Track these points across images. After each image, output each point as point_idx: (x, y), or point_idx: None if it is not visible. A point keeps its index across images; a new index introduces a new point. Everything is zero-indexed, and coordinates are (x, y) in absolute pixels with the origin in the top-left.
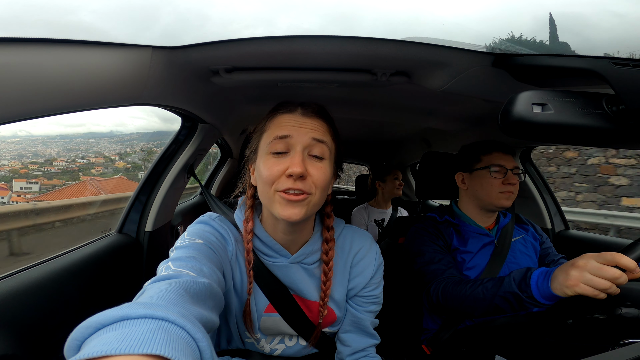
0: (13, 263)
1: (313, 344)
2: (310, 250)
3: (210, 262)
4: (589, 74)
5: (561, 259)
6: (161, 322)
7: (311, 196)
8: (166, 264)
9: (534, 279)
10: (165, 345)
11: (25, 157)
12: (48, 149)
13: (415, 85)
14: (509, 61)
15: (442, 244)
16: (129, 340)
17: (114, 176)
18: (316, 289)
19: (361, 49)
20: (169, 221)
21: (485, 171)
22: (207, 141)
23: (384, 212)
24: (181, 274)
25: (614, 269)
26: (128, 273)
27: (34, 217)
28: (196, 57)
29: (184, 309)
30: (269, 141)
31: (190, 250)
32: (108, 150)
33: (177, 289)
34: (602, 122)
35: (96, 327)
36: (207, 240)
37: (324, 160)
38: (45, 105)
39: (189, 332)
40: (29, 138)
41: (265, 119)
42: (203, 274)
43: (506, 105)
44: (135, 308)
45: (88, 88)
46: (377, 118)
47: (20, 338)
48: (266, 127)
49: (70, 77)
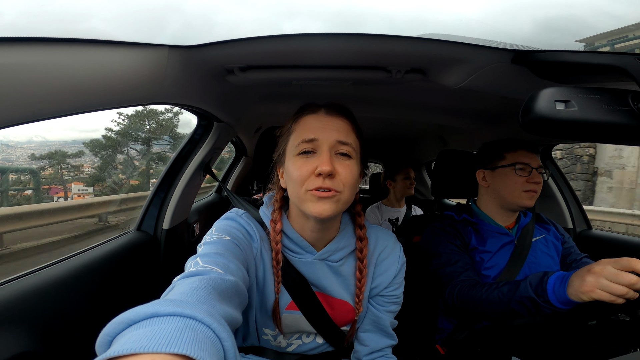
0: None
1: (347, 344)
2: (336, 248)
3: (236, 259)
4: (614, 70)
5: (584, 258)
6: (189, 321)
7: (340, 194)
8: (195, 259)
9: (550, 283)
10: (192, 345)
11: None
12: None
13: (431, 83)
14: (530, 57)
15: (459, 243)
16: (157, 339)
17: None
18: (340, 287)
19: (375, 47)
20: (185, 219)
21: (509, 169)
22: (222, 139)
23: (398, 210)
24: (209, 271)
25: (630, 274)
26: (146, 269)
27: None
28: (211, 56)
29: (212, 307)
30: (296, 144)
31: (218, 247)
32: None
33: (205, 286)
34: (628, 119)
35: (128, 323)
36: (234, 236)
37: (350, 159)
38: (63, 105)
39: (215, 331)
40: (44, 143)
41: (290, 122)
42: (230, 271)
43: (527, 102)
44: (165, 305)
45: (106, 87)
46: (391, 116)
47: (42, 335)
48: (292, 130)
49: (88, 76)
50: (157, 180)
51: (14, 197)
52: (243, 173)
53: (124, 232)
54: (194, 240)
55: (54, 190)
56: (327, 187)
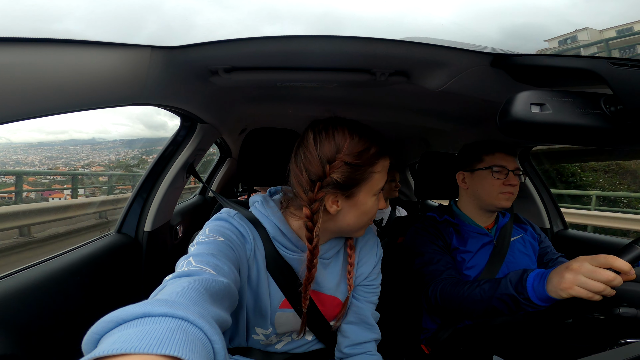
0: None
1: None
2: (330, 246)
3: (229, 261)
4: (588, 74)
5: (560, 257)
6: (181, 322)
7: None
8: (187, 259)
9: (529, 281)
10: (183, 347)
11: (8, 165)
12: (29, 156)
13: (414, 85)
14: (508, 61)
15: (441, 243)
16: (148, 339)
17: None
18: (331, 282)
19: (359, 49)
20: (168, 221)
21: (486, 171)
22: (206, 141)
23: (382, 211)
24: (202, 271)
25: (607, 271)
26: (127, 273)
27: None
28: (195, 57)
29: (204, 309)
30: (374, 188)
31: (211, 248)
32: (91, 158)
33: (198, 287)
34: (600, 122)
35: (117, 322)
36: (227, 238)
37: None
38: (43, 105)
39: (206, 333)
40: (8, 145)
41: (368, 165)
42: (222, 273)
43: (504, 105)
44: (157, 306)
45: (87, 88)
46: (376, 118)
47: (20, 338)
48: (372, 174)
49: (69, 77)
50: (139, 181)
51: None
52: (227, 175)
53: (104, 235)
54: (177, 242)
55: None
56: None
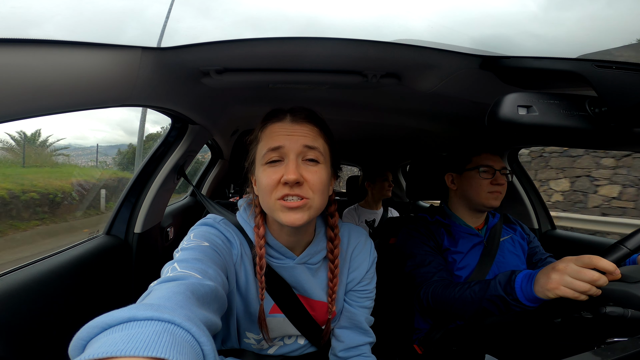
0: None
1: (324, 341)
2: (315, 251)
3: (215, 265)
4: (573, 77)
5: (549, 257)
6: (167, 325)
7: (310, 200)
8: (172, 265)
9: (517, 282)
10: (170, 349)
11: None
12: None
13: (406, 87)
14: (496, 63)
15: (433, 244)
16: (134, 342)
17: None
18: (320, 288)
19: (352, 51)
20: (159, 223)
21: (474, 172)
22: (197, 142)
23: (375, 212)
24: (187, 276)
25: (592, 271)
26: (117, 275)
27: None
28: (186, 58)
29: (190, 312)
30: (263, 153)
31: (197, 252)
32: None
33: (184, 291)
34: (585, 123)
35: (103, 327)
36: (212, 242)
37: (319, 164)
38: (32, 106)
39: (194, 335)
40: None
41: (257, 129)
42: (209, 276)
43: (493, 107)
44: (142, 310)
45: (76, 88)
46: (368, 119)
47: (6, 341)
48: (259, 138)
49: (58, 77)
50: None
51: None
52: (219, 176)
53: (92, 237)
54: (168, 244)
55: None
56: (295, 194)
